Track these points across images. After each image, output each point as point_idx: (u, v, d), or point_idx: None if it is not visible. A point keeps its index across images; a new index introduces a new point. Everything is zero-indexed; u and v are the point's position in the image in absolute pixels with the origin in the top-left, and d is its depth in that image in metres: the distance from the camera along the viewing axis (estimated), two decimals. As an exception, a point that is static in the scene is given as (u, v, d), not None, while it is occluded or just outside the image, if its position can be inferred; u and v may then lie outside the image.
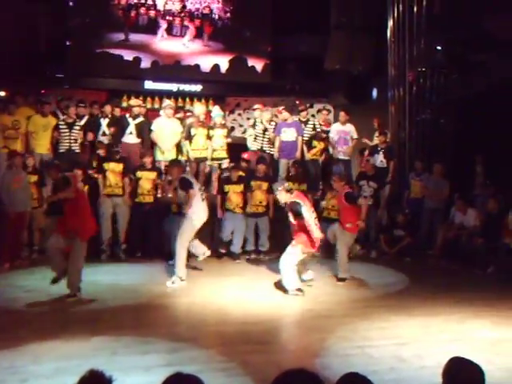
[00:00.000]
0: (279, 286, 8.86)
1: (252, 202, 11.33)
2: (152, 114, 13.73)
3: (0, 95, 14.11)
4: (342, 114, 13.13)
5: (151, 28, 16.49)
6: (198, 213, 9.13)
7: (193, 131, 12.12)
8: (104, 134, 12.33)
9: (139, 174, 11.13)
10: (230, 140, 12.71)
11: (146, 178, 11.11)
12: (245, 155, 12.60)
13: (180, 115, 13.12)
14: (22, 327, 6.73)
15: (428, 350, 6.24)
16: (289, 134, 12.40)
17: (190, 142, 12.15)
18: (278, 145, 12.50)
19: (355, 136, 12.88)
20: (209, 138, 12.21)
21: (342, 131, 12.83)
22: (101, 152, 11.78)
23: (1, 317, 7.19)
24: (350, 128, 12.86)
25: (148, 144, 12.40)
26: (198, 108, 13.00)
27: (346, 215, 9.71)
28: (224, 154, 12.38)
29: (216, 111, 12.85)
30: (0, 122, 11.48)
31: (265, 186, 11.39)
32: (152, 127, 12.26)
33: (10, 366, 5.62)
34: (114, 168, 10.95)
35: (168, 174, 10.69)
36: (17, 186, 10.01)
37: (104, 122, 12.41)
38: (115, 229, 11.00)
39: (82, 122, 12.16)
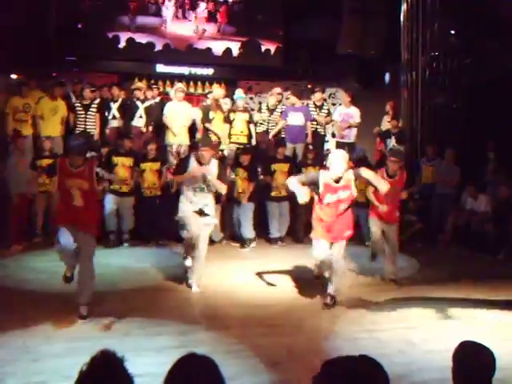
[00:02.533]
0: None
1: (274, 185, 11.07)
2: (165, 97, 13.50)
3: (12, 78, 14.10)
4: (345, 96, 13.04)
5: (161, 11, 16.41)
6: None
7: (211, 114, 11.88)
8: (114, 117, 12.16)
9: (142, 166, 10.68)
10: (255, 126, 12.27)
11: (150, 169, 10.70)
12: None
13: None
14: (34, 308, 6.79)
15: (436, 334, 6.30)
16: (296, 119, 12.28)
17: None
18: (279, 127, 12.42)
19: (357, 120, 12.62)
20: (226, 121, 11.85)
21: (346, 114, 12.66)
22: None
23: (13, 298, 7.26)
24: (353, 111, 12.67)
25: (154, 128, 12.19)
26: (217, 91, 12.68)
27: (396, 205, 8.55)
28: (244, 140, 11.83)
29: (238, 94, 12.37)
30: (11, 104, 11.47)
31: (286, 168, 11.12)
32: (164, 112, 12.00)
33: (23, 345, 5.70)
34: (124, 162, 10.51)
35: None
36: (22, 169, 9.98)
37: (114, 105, 12.18)
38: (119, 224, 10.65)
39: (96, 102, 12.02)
